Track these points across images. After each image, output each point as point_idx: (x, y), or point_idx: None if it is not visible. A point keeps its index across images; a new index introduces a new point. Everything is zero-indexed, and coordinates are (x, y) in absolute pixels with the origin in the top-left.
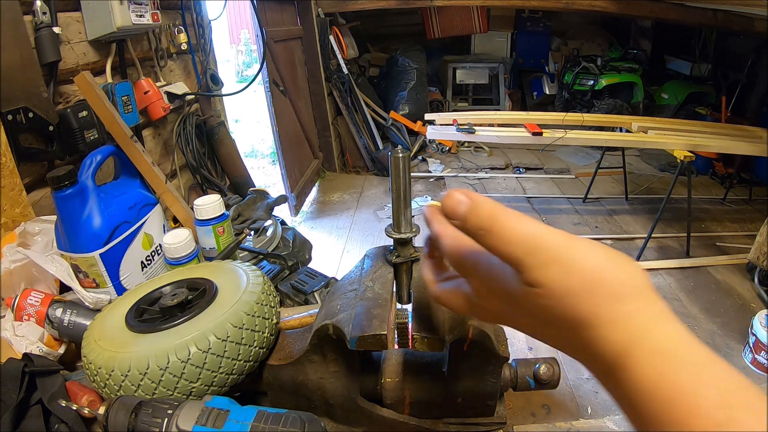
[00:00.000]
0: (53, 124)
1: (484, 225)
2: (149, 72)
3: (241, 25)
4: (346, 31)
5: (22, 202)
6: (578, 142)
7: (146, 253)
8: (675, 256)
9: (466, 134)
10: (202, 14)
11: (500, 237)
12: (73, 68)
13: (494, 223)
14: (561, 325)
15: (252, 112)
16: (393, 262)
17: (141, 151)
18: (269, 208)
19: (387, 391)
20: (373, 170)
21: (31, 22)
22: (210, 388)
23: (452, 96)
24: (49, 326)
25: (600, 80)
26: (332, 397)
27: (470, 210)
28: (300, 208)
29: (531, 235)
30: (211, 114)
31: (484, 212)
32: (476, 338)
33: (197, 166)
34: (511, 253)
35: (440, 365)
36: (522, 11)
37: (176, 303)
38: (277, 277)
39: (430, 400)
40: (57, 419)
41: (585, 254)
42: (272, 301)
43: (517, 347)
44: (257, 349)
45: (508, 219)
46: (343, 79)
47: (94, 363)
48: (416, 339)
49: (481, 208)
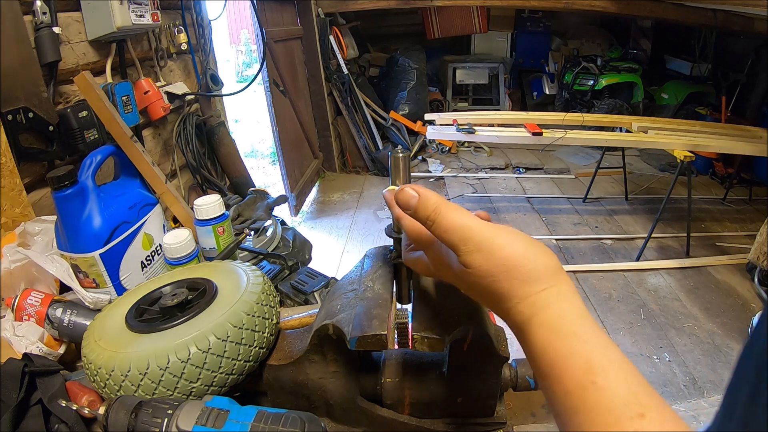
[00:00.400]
0: (53, 124)
1: (429, 216)
2: (149, 72)
3: (241, 25)
4: (346, 31)
5: (22, 202)
6: (578, 142)
7: (146, 253)
8: (675, 256)
9: (466, 134)
10: (202, 14)
11: (441, 226)
12: (73, 68)
13: (437, 214)
14: (488, 296)
15: (252, 112)
16: (393, 262)
17: (141, 151)
18: (269, 208)
19: (387, 391)
20: (373, 170)
21: (31, 22)
22: (210, 388)
23: (452, 96)
24: (49, 326)
25: (600, 80)
26: (332, 397)
27: (419, 203)
28: (300, 208)
29: (463, 226)
30: (211, 114)
31: (430, 205)
32: (476, 338)
33: (197, 166)
34: (449, 240)
35: (440, 365)
36: (522, 11)
37: (176, 303)
38: (277, 277)
39: (430, 400)
40: (57, 419)
41: (506, 243)
42: (272, 301)
43: (517, 347)
44: (257, 349)
45: (448, 211)
46: (343, 79)
47: (94, 363)
48: (416, 339)
49: (428, 201)
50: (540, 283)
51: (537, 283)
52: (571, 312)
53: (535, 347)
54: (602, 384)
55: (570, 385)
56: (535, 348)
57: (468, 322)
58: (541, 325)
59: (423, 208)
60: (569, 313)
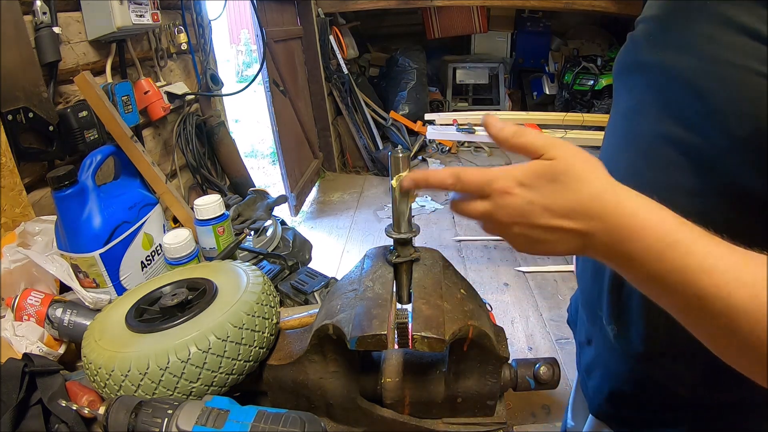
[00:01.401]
0: (53, 124)
1: (516, 131)
2: (149, 72)
3: (241, 25)
4: (346, 31)
5: (22, 202)
6: (578, 142)
7: (146, 253)
8: None
9: (466, 134)
10: (202, 14)
11: (529, 135)
12: (73, 68)
13: (520, 134)
14: (567, 180)
15: (252, 112)
16: (393, 262)
17: (141, 151)
18: (269, 208)
19: (387, 391)
20: (373, 170)
21: (31, 22)
22: (210, 388)
23: (452, 96)
24: (49, 326)
25: (600, 80)
26: (332, 397)
27: (514, 133)
28: (300, 208)
29: (547, 138)
30: (211, 114)
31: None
32: (476, 338)
33: (197, 166)
34: (537, 142)
35: (440, 365)
36: (522, 11)
37: (176, 303)
38: (277, 277)
39: (430, 400)
40: (57, 419)
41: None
42: (272, 301)
43: (517, 347)
44: (257, 349)
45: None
46: (343, 79)
47: (94, 363)
48: (416, 339)
49: (522, 131)
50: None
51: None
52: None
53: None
54: (684, 239)
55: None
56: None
57: (468, 322)
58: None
59: (513, 136)
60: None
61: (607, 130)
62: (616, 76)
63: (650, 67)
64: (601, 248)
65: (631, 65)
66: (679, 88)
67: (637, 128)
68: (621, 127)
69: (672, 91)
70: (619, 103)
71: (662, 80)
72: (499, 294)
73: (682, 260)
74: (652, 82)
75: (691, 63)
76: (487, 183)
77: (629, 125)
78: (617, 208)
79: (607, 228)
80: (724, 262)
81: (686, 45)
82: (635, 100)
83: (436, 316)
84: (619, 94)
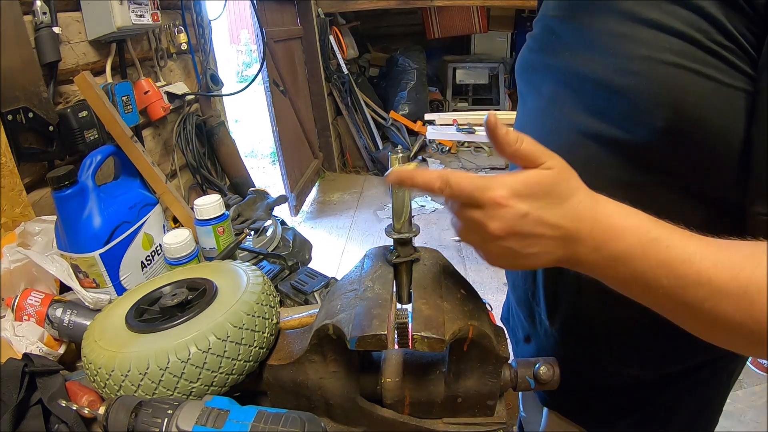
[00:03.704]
0: (53, 124)
1: (519, 137)
2: (149, 72)
3: (241, 25)
4: (346, 31)
5: (22, 202)
6: None
7: (146, 253)
8: None
9: (466, 134)
10: (202, 14)
11: (529, 144)
12: (73, 68)
13: (521, 140)
14: (561, 191)
15: (252, 112)
16: (393, 262)
17: (141, 151)
18: (269, 208)
19: (387, 391)
20: (373, 170)
21: (31, 22)
22: (210, 388)
23: (452, 96)
24: (49, 326)
25: None
26: (332, 397)
27: (517, 139)
28: (300, 208)
29: (541, 146)
30: (211, 114)
31: (514, 136)
32: (476, 338)
33: (197, 166)
34: (535, 151)
35: (440, 365)
36: (522, 11)
37: (176, 303)
38: (277, 277)
39: (430, 400)
40: (57, 419)
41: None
42: (272, 301)
43: None
44: (257, 349)
45: (528, 138)
46: (343, 79)
47: (94, 363)
48: (416, 339)
49: (522, 137)
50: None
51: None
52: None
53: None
54: (663, 237)
55: (635, 237)
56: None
57: (468, 322)
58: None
59: (512, 143)
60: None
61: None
62: (519, 76)
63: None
64: (584, 252)
65: (538, 65)
66: (594, 87)
67: (553, 125)
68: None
69: (587, 90)
70: (527, 102)
71: (575, 80)
72: (499, 294)
73: (664, 254)
74: (562, 81)
75: (605, 62)
76: (480, 192)
77: (543, 123)
78: (598, 213)
79: (592, 231)
80: (701, 251)
81: (597, 44)
82: (545, 99)
83: (436, 316)
84: (527, 93)
